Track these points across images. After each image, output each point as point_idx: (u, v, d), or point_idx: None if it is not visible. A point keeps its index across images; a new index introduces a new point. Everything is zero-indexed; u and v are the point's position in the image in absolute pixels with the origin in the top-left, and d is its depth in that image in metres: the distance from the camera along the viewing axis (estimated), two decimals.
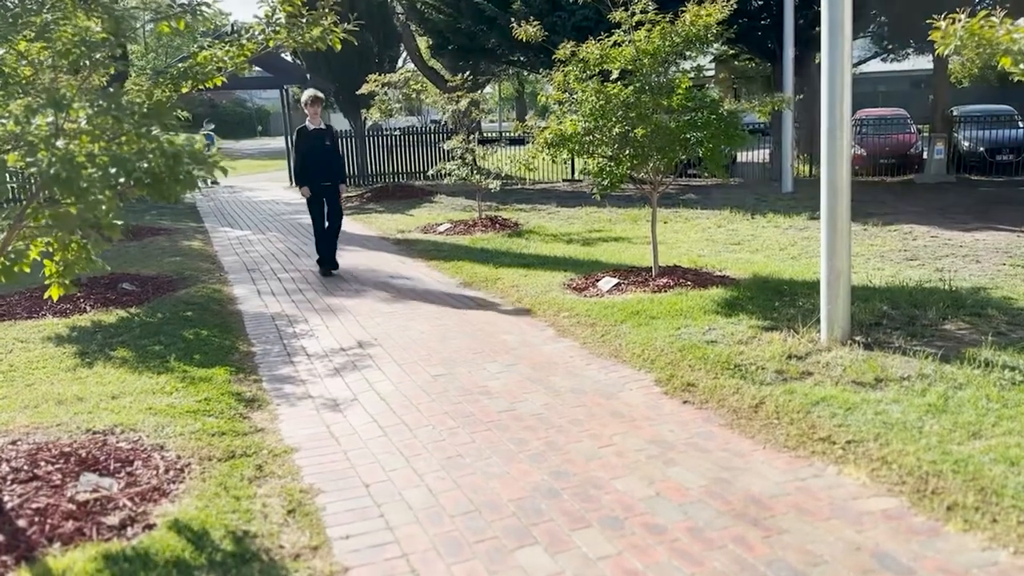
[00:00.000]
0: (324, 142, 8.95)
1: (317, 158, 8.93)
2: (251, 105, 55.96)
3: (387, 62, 21.29)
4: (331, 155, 9.08)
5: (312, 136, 8.92)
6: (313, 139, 8.92)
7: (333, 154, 9.14)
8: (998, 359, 4.83)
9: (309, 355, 5.98)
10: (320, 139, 8.94)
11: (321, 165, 8.94)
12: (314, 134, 8.92)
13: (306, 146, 8.91)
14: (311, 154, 8.92)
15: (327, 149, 9.00)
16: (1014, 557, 2.93)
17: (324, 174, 8.98)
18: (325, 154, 8.98)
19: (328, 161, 9.02)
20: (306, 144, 8.91)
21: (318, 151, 8.92)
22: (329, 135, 9.11)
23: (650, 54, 7.19)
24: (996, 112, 18.11)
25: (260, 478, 3.85)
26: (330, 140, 9.09)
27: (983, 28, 3.49)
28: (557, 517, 3.39)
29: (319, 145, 8.91)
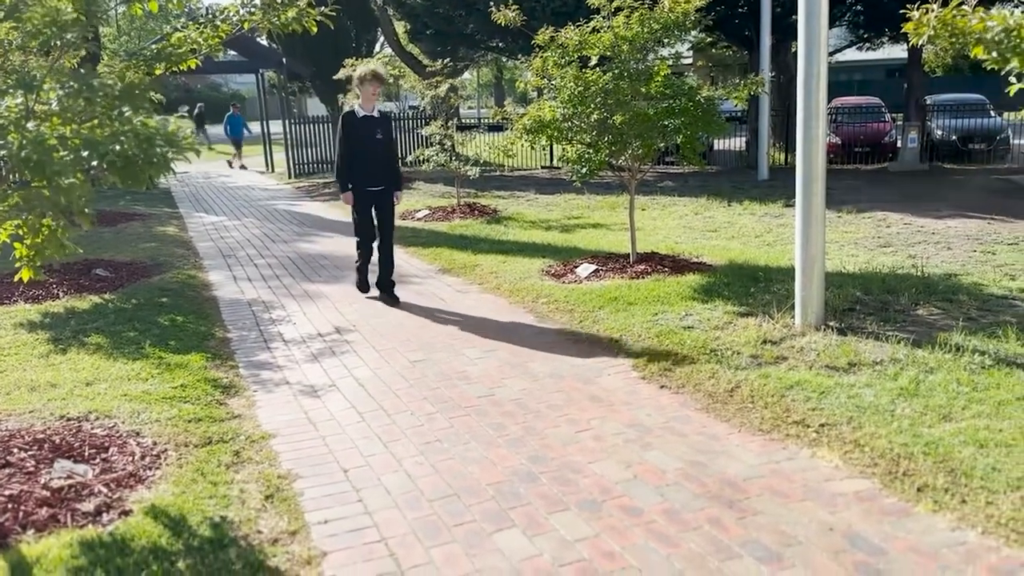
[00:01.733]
0: (376, 134, 6.81)
1: (367, 155, 6.82)
2: (226, 90, 55.27)
3: (364, 46, 21.15)
4: (385, 151, 6.93)
5: (361, 126, 6.79)
6: (362, 130, 6.79)
7: (388, 150, 6.99)
8: (968, 344, 4.91)
9: (286, 341, 5.96)
10: (371, 130, 6.81)
11: (371, 164, 6.84)
12: (364, 123, 6.80)
13: (354, 138, 6.79)
14: (359, 149, 6.81)
15: (380, 144, 6.85)
16: (982, 537, 2.99)
17: (375, 176, 6.87)
18: (377, 150, 6.84)
19: (381, 159, 6.90)
20: (353, 136, 6.79)
21: (368, 146, 6.81)
22: (383, 125, 6.91)
23: (629, 40, 7.19)
24: (968, 101, 18.33)
25: (237, 464, 3.84)
26: (383, 132, 6.87)
27: (955, 17, 3.53)
28: (535, 500, 3.42)
29: (369, 138, 6.80)
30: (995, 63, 3.68)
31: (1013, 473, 3.37)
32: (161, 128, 3.77)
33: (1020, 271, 7.01)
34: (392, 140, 7.05)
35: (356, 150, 6.80)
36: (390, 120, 7.10)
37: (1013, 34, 3.41)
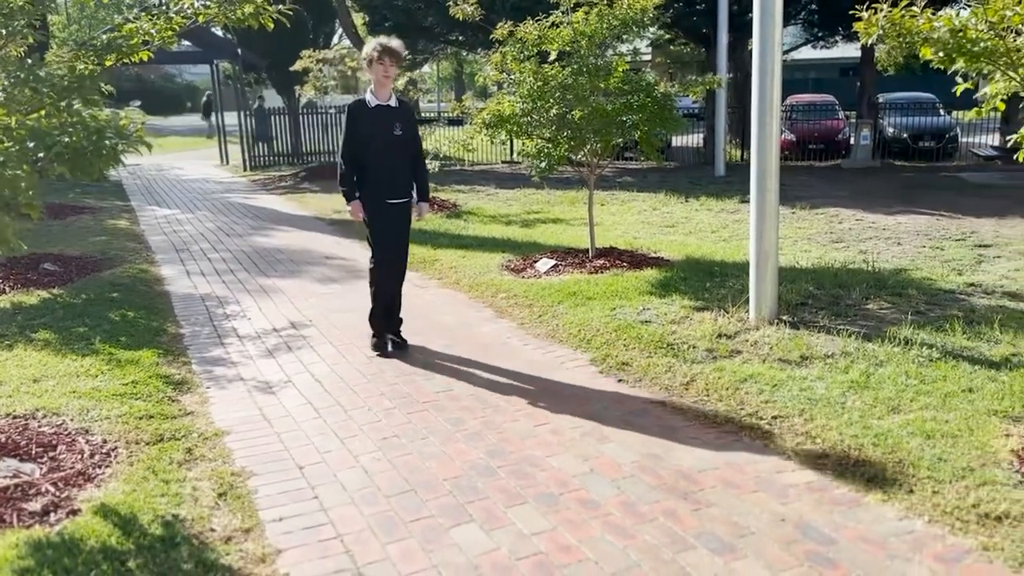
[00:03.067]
0: (394, 129, 5.18)
1: (383, 156, 5.19)
2: (180, 81, 54.25)
3: (322, 38, 20.90)
4: (407, 151, 5.31)
5: (376, 117, 5.16)
6: (377, 124, 5.15)
7: (411, 150, 5.34)
8: (917, 337, 5.03)
9: (241, 337, 5.87)
10: (388, 124, 5.17)
11: (389, 168, 5.23)
12: (379, 115, 5.16)
13: (365, 133, 5.15)
14: (374, 149, 5.16)
15: (400, 142, 5.23)
16: (929, 526, 3.07)
17: (395, 184, 5.26)
18: (397, 150, 5.24)
19: (402, 162, 5.29)
20: (365, 130, 5.15)
21: (385, 144, 5.17)
22: (404, 118, 5.27)
23: (588, 36, 7.22)
24: (919, 100, 18.75)
25: (190, 461, 3.78)
26: (405, 126, 5.23)
27: (904, 18, 3.60)
28: (493, 495, 3.42)
29: (386, 134, 5.16)
30: (942, 63, 3.77)
31: (958, 463, 3.47)
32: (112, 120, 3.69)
33: (967, 266, 7.20)
34: (417, 137, 5.37)
35: (369, 151, 5.13)
36: (412, 111, 5.48)
37: (959, 35, 3.50)
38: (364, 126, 5.16)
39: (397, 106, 5.26)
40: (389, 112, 5.20)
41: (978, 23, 3.48)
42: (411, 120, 5.32)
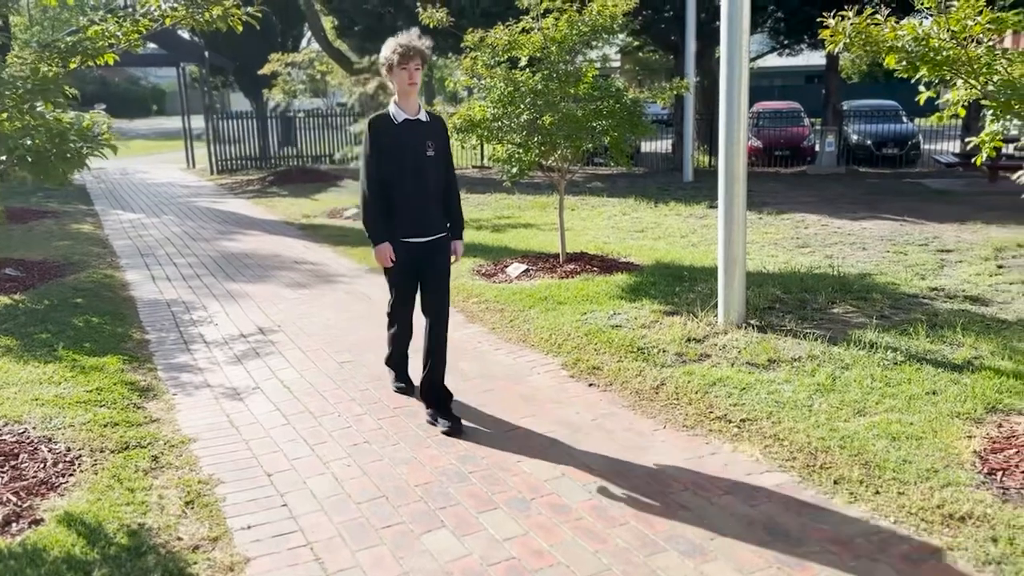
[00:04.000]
0: (426, 149, 4.17)
1: (412, 184, 4.15)
2: (146, 83, 53.53)
3: (291, 41, 20.76)
4: (439, 176, 4.26)
5: (404, 136, 4.14)
6: (406, 142, 4.14)
7: (444, 175, 4.30)
8: (881, 340, 5.11)
9: (208, 342, 5.80)
10: (418, 143, 4.16)
11: (419, 198, 4.19)
12: (408, 132, 4.14)
13: (389, 156, 4.13)
14: (400, 172, 4.13)
15: (432, 165, 4.20)
16: (895, 526, 3.12)
17: (425, 218, 4.23)
18: (428, 176, 4.19)
19: (435, 191, 4.24)
20: (389, 151, 4.14)
21: (414, 169, 4.15)
22: (437, 133, 4.24)
23: (558, 42, 7.25)
24: (882, 107, 19.09)
25: (156, 469, 3.72)
26: (438, 146, 4.21)
27: (869, 27, 3.67)
28: (465, 500, 3.41)
29: (416, 156, 4.15)
30: (906, 71, 3.84)
31: (923, 465, 3.53)
32: (75, 123, 3.63)
33: (930, 271, 7.34)
34: (450, 158, 4.33)
35: (396, 177, 4.11)
36: (445, 126, 4.37)
37: (922, 43, 3.57)
38: (390, 147, 4.09)
39: (428, 120, 4.19)
40: (419, 129, 4.14)
41: (940, 32, 3.55)
42: (445, 137, 4.30)
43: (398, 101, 4.18)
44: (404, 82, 4.10)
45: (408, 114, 4.16)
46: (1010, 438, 3.73)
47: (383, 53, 4.14)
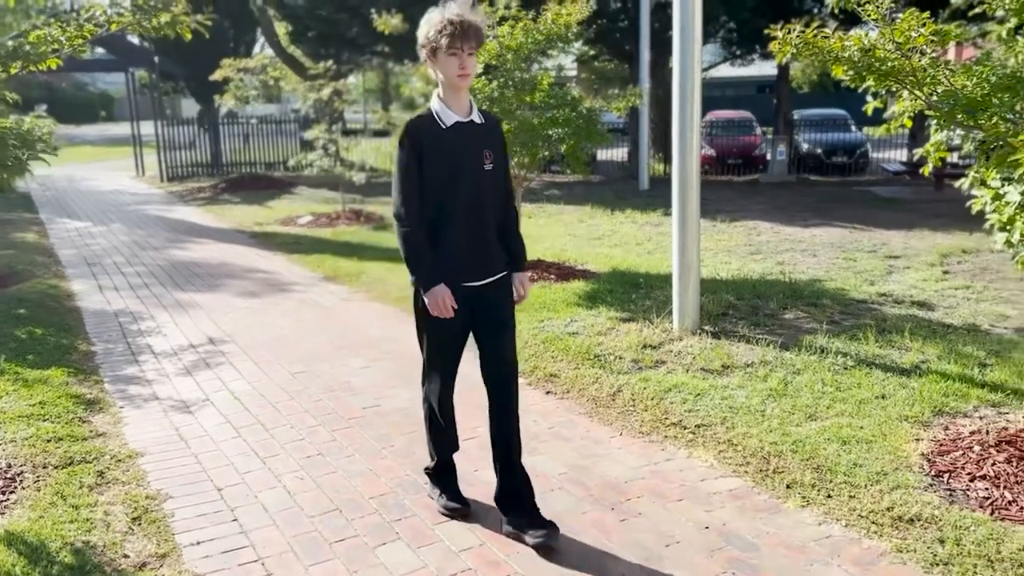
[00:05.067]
0: (483, 160, 3.13)
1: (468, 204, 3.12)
2: (94, 89, 52.38)
3: (243, 47, 20.47)
4: (497, 196, 3.22)
5: (452, 144, 3.08)
6: (457, 151, 3.09)
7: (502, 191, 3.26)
8: (832, 345, 5.20)
9: (156, 354, 5.66)
10: (475, 149, 3.12)
11: (477, 223, 3.15)
12: (459, 138, 3.09)
13: (436, 171, 3.08)
14: (450, 193, 3.10)
15: (489, 180, 3.16)
16: (846, 530, 3.16)
17: (481, 250, 3.18)
18: (486, 192, 3.16)
19: (493, 211, 3.21)
20: (436, 165, 3.08)
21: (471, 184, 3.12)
22: (494, 139, 3.20)
23: (513, 50, 7.26)
24: (832, 116, 19.50)
25: (102, 485, 3.61)
26: (495, 157, 3.17)
27: (816, 38, 3.73)
28: (421, 512, 3.37)
29: (472, 168, 3.11)
30: (853, 81, 3.92)
31: (873, 468, 3.58)
32: (15, 128, 3.52)
33: (878, 277, 7.50)
34: (508, 170, 3.30)
35: (444, 199, 3.08)
36: (501, 128, 3.42)
37: (868, 54, 3.65)
38: (437, 159, 3.03)
39: (483, 122, 3.14)
40: (474, 134, 3.09)
41: (886, 43, 3.63)
42: (503, 144, 3.23)
43: (444, 97, 3.06)
44: (453, 72, 2.95)
45: (459, 115, 3.05)
46: (956, 440, 3.82)
47: (424, 32, 2.97)
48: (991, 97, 3.45)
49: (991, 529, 3.05)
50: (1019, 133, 3.14)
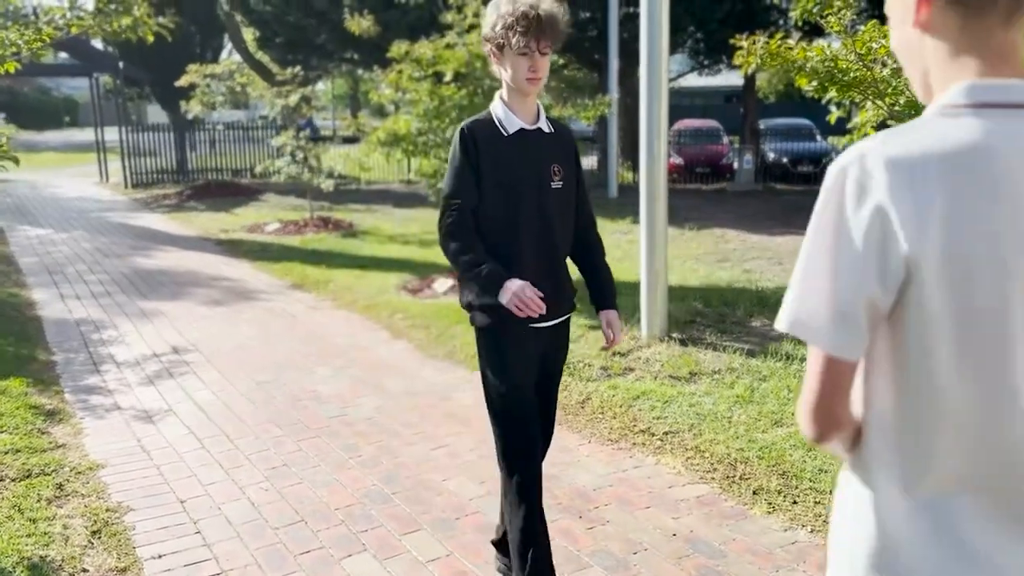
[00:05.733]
0: (550, 175, 2.56)
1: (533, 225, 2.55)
2: (57, 94, 51.55)
3: (210, 52, 20.28)
4: (567, 220, 2.70)
5: (516, 156, 2.52)
6: (521, 163, 2.52)
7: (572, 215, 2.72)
8: (797, 352, 5.26)
9: (118, 363, 5.56)
10: (541, 162, 2.55)
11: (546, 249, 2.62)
12: (521, 147, 2.52)
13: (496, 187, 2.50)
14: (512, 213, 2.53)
15: (561, 199, 2.62)
16: (811, 535, 3.19)
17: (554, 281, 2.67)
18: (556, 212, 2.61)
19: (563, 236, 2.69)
20: (496, 179, 2.50)
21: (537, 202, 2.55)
22: (564, 150, 2.63)
23: (482, 58, 7.26)
24: (798, 126, 19.77)
25: (61, 498, 3.53)
26: (566, 172, 2.62)
27: (780, 49, 3.79)
28: (388, 522, 3.34)
29: (538, 182, 2.54)
30: (817, 92, 3.98)
31: (837, 474, 3.62)
32: None
33: None
34: (583, 185, 2.81)
35: (505, 220, 2.55)
36: (574, 139, 2.76)
37: (830, 65, 3.71)
38: (494, 172, 2.49)
39: (552, 131, 2.63)
40: (541, 144, 2.57)
41: (848, 54, 3.69)
42: (576, 157, 2.71)
43: (508, 100, 2.54)
44: (521, 75, 2.44)
45: (524, 121, 2.54)
46: None
47: (490, 23, 2.45)
48: None
49: None
50: None
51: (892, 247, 1.03)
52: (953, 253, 1.02)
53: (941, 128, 1.07)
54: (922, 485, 1.11)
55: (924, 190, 1.02)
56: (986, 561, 1.10)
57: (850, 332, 1.08)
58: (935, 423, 1.09)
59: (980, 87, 1.08)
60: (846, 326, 1.07)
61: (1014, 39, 1.10)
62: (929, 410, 1.09)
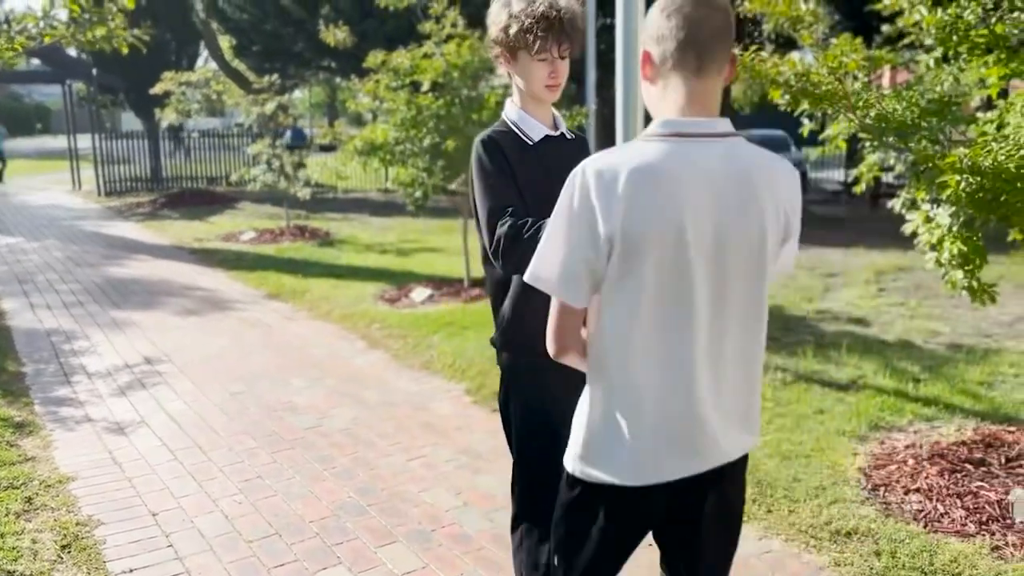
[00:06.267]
0: None
1: None
2: (29, 101, 50.92)
3: (186, 59, 20.12)
4: None
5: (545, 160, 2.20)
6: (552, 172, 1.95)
7: None
8: (772, 361, 5.30)
9: (90, 374, 5.48)
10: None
11: None
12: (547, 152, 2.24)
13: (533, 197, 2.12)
14: None
15: None
16: (786, 544, 3.20)
17: None
18: None
19: None
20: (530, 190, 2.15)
21: None
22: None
23: (460, 68, 7.27)
24: (772, 136, 19.96)
25: (30, 512, 3.47)
26: None
27: (753, 62, 3.82)
28: (363, 535, 3.31)
29: None
30: (789, 104, 4.02)
31: (811, 483, 3.65)
32: None
33: (817, 294, 7.67)
34: None
35: None
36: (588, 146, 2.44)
37: (803, 78, 3.75)
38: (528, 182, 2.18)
39: (573, 137, 2.38)
40: (567, 151, 2.25)
41: (820, 67, 3.73)
42: None
43: (525, 106, 2.27)
44: (539, 83, 2.18)
45: (547, 127, 2.29)
46: (891, 454, 3.91)
47: (499, 25, 2.17)
48: (920, 121, 3.58)
49: (924, 541, 3.12)
50: (946, 156, 3.25)
51: (596, 227, 1.49)
52: (631, 231, 1.48)
53: (638, 148, 1.54)
54: (616, 395, 1.59)
55: (615, 189, 1.48)
56: (652, 456, 1.59)
57: (574, 286, 1.54)
58: (627, 348, 1.55)
59: (671, 122, 1.56)
60: (571, 282, 1.54)
61: (706, 87, 1.56)
62: (627, 338, 1.55)
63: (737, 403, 1.65)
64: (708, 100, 1.55)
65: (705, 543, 1.77)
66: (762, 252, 1.58)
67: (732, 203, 1.52)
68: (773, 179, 1.59)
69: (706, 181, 1.51)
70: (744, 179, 1.54)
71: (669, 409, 1.58)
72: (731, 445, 1.68)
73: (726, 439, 1.65)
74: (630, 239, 1.48)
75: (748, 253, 1.56)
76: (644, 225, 1.47)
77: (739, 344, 1.60)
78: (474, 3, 8.41)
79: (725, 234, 1.52)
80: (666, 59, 1.56)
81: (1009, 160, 3.08)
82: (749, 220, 1.54)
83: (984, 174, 3.15)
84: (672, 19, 1.54)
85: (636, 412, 1.58)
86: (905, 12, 3.77)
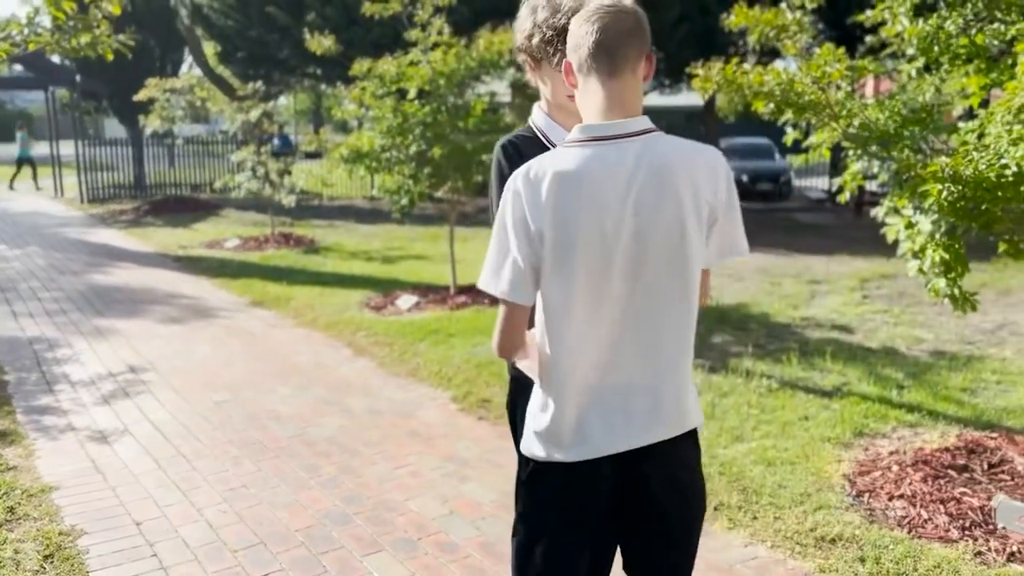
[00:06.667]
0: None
1: None
2: (11, 107, 50.48)
3: (170, 66, 20.05)
4: None
5: None
6: None
7: None
8: (757, 368, 5.33)
9: (73, 383, 5.43)
10: None
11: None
12: None
13: None
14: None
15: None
16: (771, 551, 3.21)
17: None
18: None
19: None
20: None
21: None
22: None
23: (446, 75, 7.29)
24: (757, 145, 20.11)
25: (12, 521, 3.43)
26: None
27: (736, 74, 3.85)
28: (349, 544, 3.30)
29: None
30: (773, 114, 4.05)
31: (796, 489, 3.66)
32: None
33: (802, 301, 7.73)
34: None
35: None
36: None
37: (786, 88, 3.78)
38: None
39: None
40: None
41: (803, 77, 3.77)
42: None
43: (552, 113, 2.17)
44: (563, 92, 2.00)
45: None
46: (875, 461, 3.94)
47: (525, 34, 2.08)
48: (903, 130, 3.62)
49: (909, 547, 3.14)
50: (928, 165, 3.28)
51: (529, 225, 1.61)
52: (558, 233, 1.60)
53: (561, 154, 1.65)
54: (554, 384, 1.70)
55: (541, 190, 1.60)
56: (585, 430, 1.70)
57: (520, 286, 1.65)
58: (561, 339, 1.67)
59: (588, 127, 1.67)
60: (518, 282, 1.65)
61: (623, 86, 1.66)
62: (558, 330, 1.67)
63: (665, 382, 1.73)
64: (627, 99, 1.64)
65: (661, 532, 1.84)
66: (683, 241, 1.65)
67: (648, 199, 1.61)
68: (691, 169, 1.66)
69: (624, 182, 1.61)
70: (658, 174, 1.62)
71: (600, 387, 1.70)
72: (663, 422, 1.75)
73: (656, 417, 1.73)
74: (558, 239, 1.61)
75: (668, 244, 1.64)
76: (569, 226, 1.60)
77: (665, 330, 1.69)
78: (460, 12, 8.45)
79: (643, 230, 1.61)
80: (583, 64, 1.67)
81: (990, 169, 3.12)
82: (666, 213, 1.62)
83: (965, 183, 3.19)
84: (584, 26, 1.65)
85: (570, 393, 1.69)
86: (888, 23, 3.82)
